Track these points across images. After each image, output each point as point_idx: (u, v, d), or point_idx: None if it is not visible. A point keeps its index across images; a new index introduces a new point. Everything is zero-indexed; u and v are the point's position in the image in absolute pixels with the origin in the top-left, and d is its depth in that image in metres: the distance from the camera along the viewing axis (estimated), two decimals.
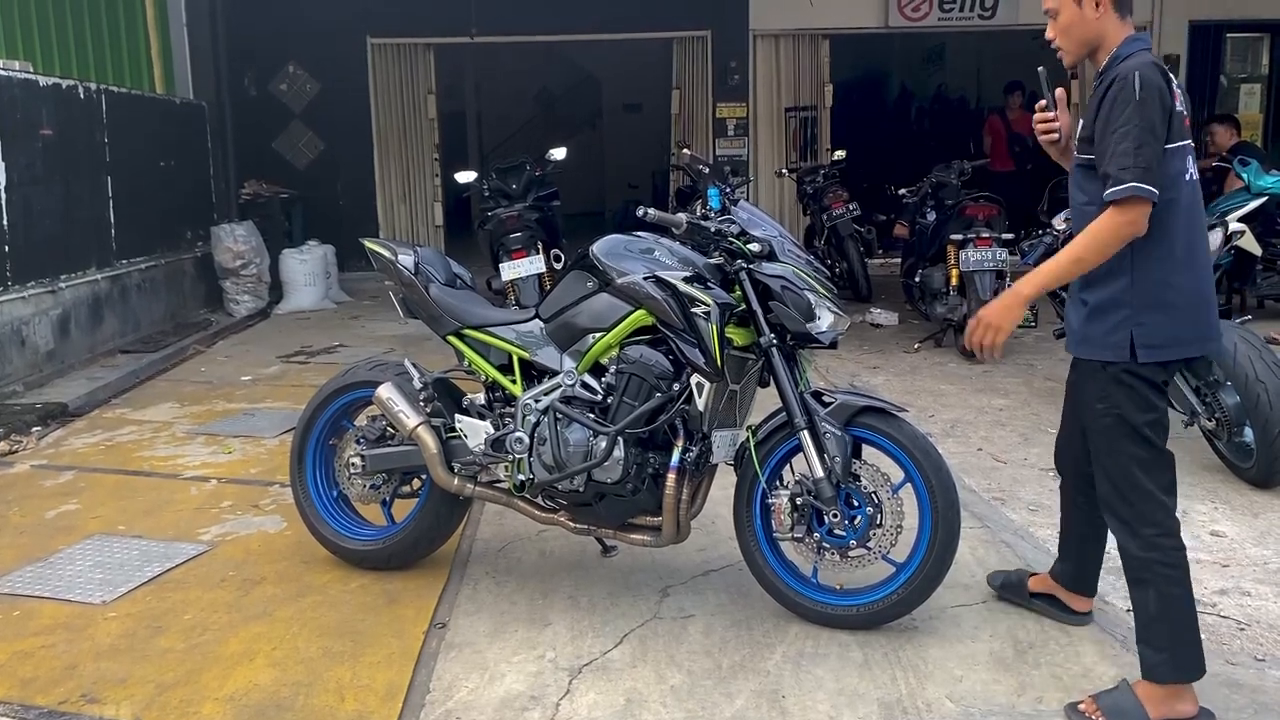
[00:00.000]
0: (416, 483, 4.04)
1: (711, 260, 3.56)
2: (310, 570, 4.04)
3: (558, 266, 7.96)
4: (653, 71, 15.59)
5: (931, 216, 8.08)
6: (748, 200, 4.06)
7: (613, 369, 3.53)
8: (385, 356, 4.19)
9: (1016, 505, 4.62)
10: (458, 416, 3.79)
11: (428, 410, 3.80)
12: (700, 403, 3.39)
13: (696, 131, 12.32)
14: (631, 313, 3.47)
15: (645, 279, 3.43)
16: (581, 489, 3.53)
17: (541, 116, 18.76)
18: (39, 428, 6.19)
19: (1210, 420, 4.85)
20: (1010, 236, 7.14)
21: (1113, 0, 2.85)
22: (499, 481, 3.82)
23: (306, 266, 10.47)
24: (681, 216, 3.47)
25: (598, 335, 3.54)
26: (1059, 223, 5.95)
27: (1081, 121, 2.95)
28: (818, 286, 3.42)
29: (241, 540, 4.40)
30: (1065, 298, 6.06)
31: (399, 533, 3.95)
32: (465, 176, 8.62)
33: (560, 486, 3.57)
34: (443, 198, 12.77)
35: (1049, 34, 2.98)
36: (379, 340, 8.81)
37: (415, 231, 12.66)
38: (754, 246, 3.42)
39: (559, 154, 8.70)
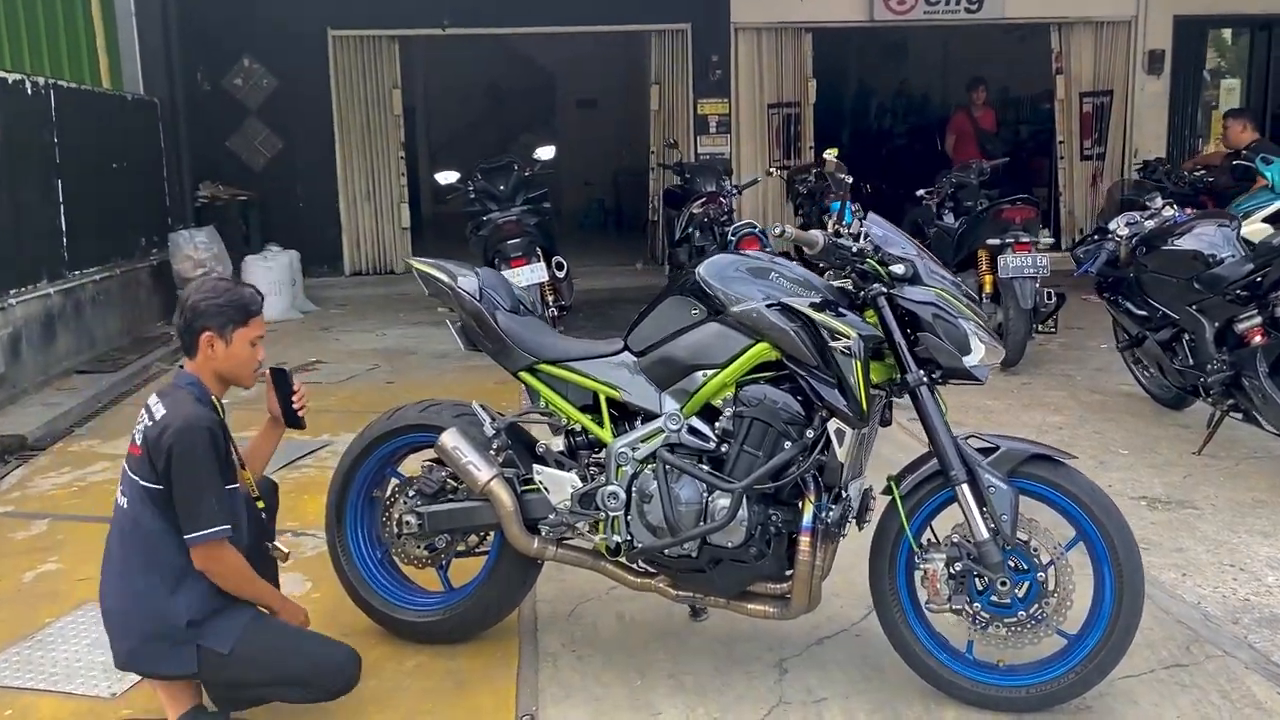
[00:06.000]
0: (474, 539, 3.49)
1: (834, 283, 3.09)
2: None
3: (560, 275, 7.44)
4: (609, 66, 15.05)
5: (949, 219, 7.66)
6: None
7: (729, 412, 3.01)
8: (440, 397, 3.61)
9: None
10: (535, 467, 3.24)
11: (499, 461, 3.25)
12: (841, 452, 2.90)
13: (677, 128, 11.80)
14: (751, 346, 2.97)
15: (769, 306, 2.93)
16: (695, 554, 3.01)
17: (491, 112, 18.02)
18: None
19: None
20: (1052, 240, 6.75)
21: None
22: (582, 541, 3.28)
23: (272, 274, 9.72)
24: (817, 234, 2.95)
25: (709, 373, 3.03)
26: (1122, 228, 5.54)
27: None
28: (969, 313, 2.95)
29: None
30: (1119, 296, 5.71)
31: (462, 601, 3.38)
32: (447, 177, 8.02)
33: (668, 551, 3.04)
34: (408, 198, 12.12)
35: None
36: (358, 356, 8.16)
37: (380, 234, 11.99)
38: (897, 268, 2.93)
39: (547, 153, 8.31)
